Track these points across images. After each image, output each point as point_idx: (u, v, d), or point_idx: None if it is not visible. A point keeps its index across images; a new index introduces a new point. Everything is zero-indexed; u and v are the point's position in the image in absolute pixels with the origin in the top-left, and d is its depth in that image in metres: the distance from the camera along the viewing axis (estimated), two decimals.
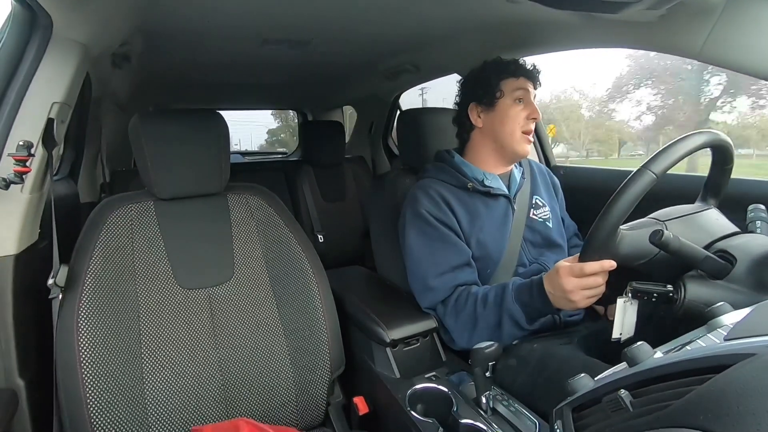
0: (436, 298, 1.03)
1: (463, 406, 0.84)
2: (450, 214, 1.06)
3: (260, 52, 1.49)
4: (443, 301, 1.02)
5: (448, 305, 1.00)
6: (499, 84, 1.09)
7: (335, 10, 1.12)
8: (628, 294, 0.78)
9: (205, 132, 0.99)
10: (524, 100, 1.08)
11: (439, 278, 1.02)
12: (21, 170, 0.74)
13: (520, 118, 1.07)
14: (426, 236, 1.05)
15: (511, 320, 0.92)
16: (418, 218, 1.06)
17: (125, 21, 1.03)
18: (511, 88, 1.08)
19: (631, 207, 0.76)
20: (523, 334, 0.96)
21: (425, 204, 1.07)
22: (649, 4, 0.77)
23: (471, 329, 0.97)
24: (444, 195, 1.08)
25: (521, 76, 1.09)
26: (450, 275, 1.02)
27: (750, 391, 0.32)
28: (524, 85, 1.08)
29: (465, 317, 0.98)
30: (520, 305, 0.91)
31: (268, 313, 0.99)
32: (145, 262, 0.92)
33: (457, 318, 0.99)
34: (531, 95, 1.09)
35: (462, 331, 0.99)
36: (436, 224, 1.05)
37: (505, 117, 1.08)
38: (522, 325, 0.92)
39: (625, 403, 0.40)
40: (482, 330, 0.95)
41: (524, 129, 1.08)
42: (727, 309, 0.48)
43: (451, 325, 1.00)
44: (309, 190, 2.25)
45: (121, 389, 0.83)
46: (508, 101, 1.08)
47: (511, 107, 1.08)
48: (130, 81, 1.70)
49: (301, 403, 0.97)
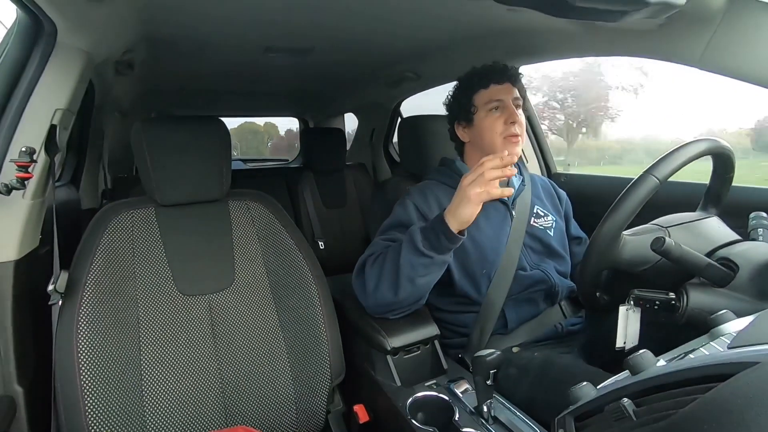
0: (370, 251, 1.02)
1: (464, 414, 0.83)
2: (437, 211, 1.05)
3: (262, 60, 1.50)
4: (373, 253, 1.01)
5: (375, 254, 1.00)
6: (471, 99, 1.09)
7: (337, 19, 1.13)
8: (631, 302, 0.78)
9: (207, 139, 0.99)
10: (500, 107, 1.07)
11: (385, 243, 1.02)
12: (23, 176, 0.74)
13: (497, 126, 1.06)
14: (396, 217, 1.07)
15: (410, 243, 0.92)
16: (400, 205, 1.08)
17: (129, 29, 1.04)
18: (483, 101, 1.08)
19: (635, 211, 0.76)
20: (423, 266, 0.92)
21: (414, 196, 1.09)
22: (649, 12, 0.77)
23: (380, 270, 0.96)
24: (438, 195, 1.09)
25: (491, 84, 1.08)
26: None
27: (754, 400, 0.31)
28: (496, 93, 1.07)
29: (381, 258, 0.97)
30: (420, 228, 0.93)
31: (268, 320, 0.98)
32: (145, 269, 0.92)
33: (374, 262, 0.98)
34: (509, 98, 1.07)
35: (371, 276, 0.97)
36: (412, 212, 1.05)
37: (482, 130, 1.08)
38: (418, 247, 0.90)
39: (627, 412, 0.40)
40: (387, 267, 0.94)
41: (505, 135, 1.06)
42: (730, 317, 0.48)
43: (368, 274, 0.98)
44: (310, 197, 2.25)
45: (120, 396, 0.83)
46: (482, 113, 1.08)
47: (485, 119, 1.08)
48: (133, 88, 1.72)
49: (300, 411, 0.96)
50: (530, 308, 1.08)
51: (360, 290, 1.00)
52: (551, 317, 1.10)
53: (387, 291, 0.94)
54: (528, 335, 1.07)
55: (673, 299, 0.74)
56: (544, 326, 1.08)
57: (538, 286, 1.07)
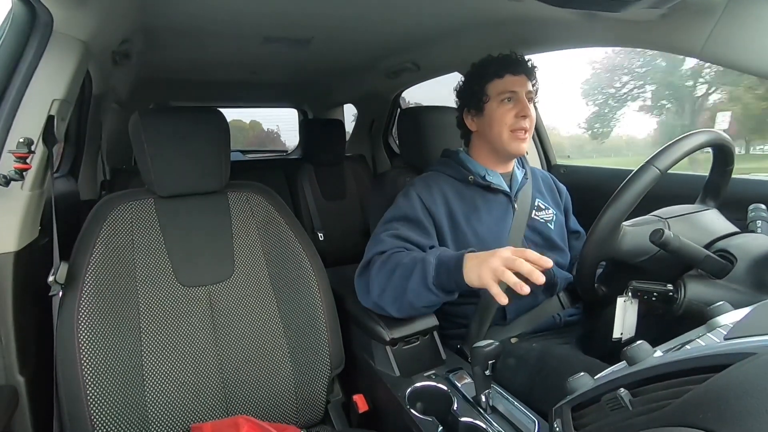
0: (378, 249, 0.99)
1: (462, 404, 0.84)
2: (441, 204, 1.05)
3: (261, 50, 1.49)
4: (382, 252, 0.98)
5: (384, 255, 0.97)
6: (484, 88, 1.08)
7: (336, 8, 1.12)
8: (629, 293, 0.79)
9: (206, 130, 0.99)
10: (513, 99, 1.05)
11: (392, 239, 1.00)
12: (21, 167, 0.74)
13: (507, 117, 1.05)
14: (400, 209, 1.05)
15: (421, 272, 0.88)
16: (404, 196, 1.07)
17: (126, 18, 1.03)
18: (496, 91, 1.06)
19: (636, 201, 0.76)
20: (428, 299, 0.89)
21: (419, 187, 1.08)
22: (651, 2, 0.77)
23: (387, 279, 0.93)
24: (442, 187, 1.08)
25: (506, 74, 1.06)
26: (402, 243, 0.99)
27: (750, 390, 0.32)
28: (511, 84, 1.05)
29: (390, 265, 0.94)
30: (436, 261, 0.88)
31: (267, 311, 0.99)
32: (145, 260, 0.92)
33: (383, 266, 0.95)
34: (522, 91, 1.05)
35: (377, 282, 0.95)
36: (417, 205, 1.04)
37: (492, 120, 1.07)
38: (428, 282, 0.87)
39: (624, 402, 0.40)
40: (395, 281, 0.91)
41: (513, 127, 1.05)
42: (727, 308, 0.48)
43: (374, 276, 0.96)
44: (309, 189, 2.25)
45: (121, 386, 0.83)
46: (494, 104, 1.07)
47: (497, 109, 1.06)
48: (131, 78, 1.70)
49: (300, 401, 0.97)
50: (529, 299, 1.08)
51: (362, 291, 0.99)
52: (549, 308, 1.10)
53: (389, 305, 0.94)
54: (526, 326, 1.07)
55: (670, 291, 0.74)
56: (543, 317, 1.08)
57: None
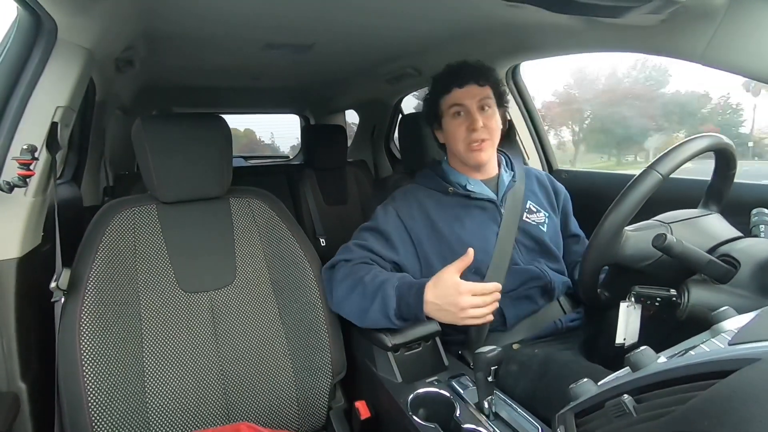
0: (344, 256, 1.01)
1: (465, 410, 0.83)
2: (419, 218, 1.06)
3: (263, 56, 1.50)
4: (348, 260, 1.00)
5: (349, 264, 0.99)
6: (438, 103, 1.09)
7: (337, 15, 1.12)
8: (631, 298, 0.78)
9: (208, 136, 0.99)
10: (463, 111, 1.04)
11: (359, 249, 1.02)
12: (25, 174, 0.74)
13: (459, 132, 1.05)
14: (375, 221, 1.07)
15: (382, 303, 0.89)
16: (382, 208, 1.09)
17: (129, 26, 1.03)
18: (446, 105, 1.07)
19: (638, 206, 0.76)
20: (387, 325, 0.91)
21: (397, 201, 1.09)
22: (652, 8, 0.77)
23: (348, 292, 0.95)
24: (421, 200, 1.08)
25: (453, 87, 1.05)
26: (366, 253, 1.01)
27: (754, 396, 0.31)
28: (457, 97, 1.04)
29: (352, 280, 0.95)
30: (397, 293, 0.89)
31: (269, 317, 0.99)
32: (147, 266, 0.92)
33: (346, 278, 0.96)
34: (473, 102, 1.03)
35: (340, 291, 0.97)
36: (390, 220, 1.06)
37: (448, 135, 1.08)
38: (389, 314, 0.88)
39: (628, 408, 0.40)
40: (355, 299, 0.93)
41: (466, 141, 1.04)
42: (731, 313, 0.48)
43: (337, 282, 0.98)
44: (311, 194, 2.25)
45: (123, 393, 0.83)
46: (447, 119, 1.07)
47: (450, 123, 1.07)
48: (134, 85, 1.71)
49: (302, 407, 0.97)
50: (528, 305, 1.08)
51: (327, 287, 1.01)
52: (550, 313, 1.09)
53: (349, 316, 0.97)
54: (527, 332, 1.06)
55: (674, 296, 0.74)
56: (544, 322, 1.07)
57: (533, 282, 1.06)
